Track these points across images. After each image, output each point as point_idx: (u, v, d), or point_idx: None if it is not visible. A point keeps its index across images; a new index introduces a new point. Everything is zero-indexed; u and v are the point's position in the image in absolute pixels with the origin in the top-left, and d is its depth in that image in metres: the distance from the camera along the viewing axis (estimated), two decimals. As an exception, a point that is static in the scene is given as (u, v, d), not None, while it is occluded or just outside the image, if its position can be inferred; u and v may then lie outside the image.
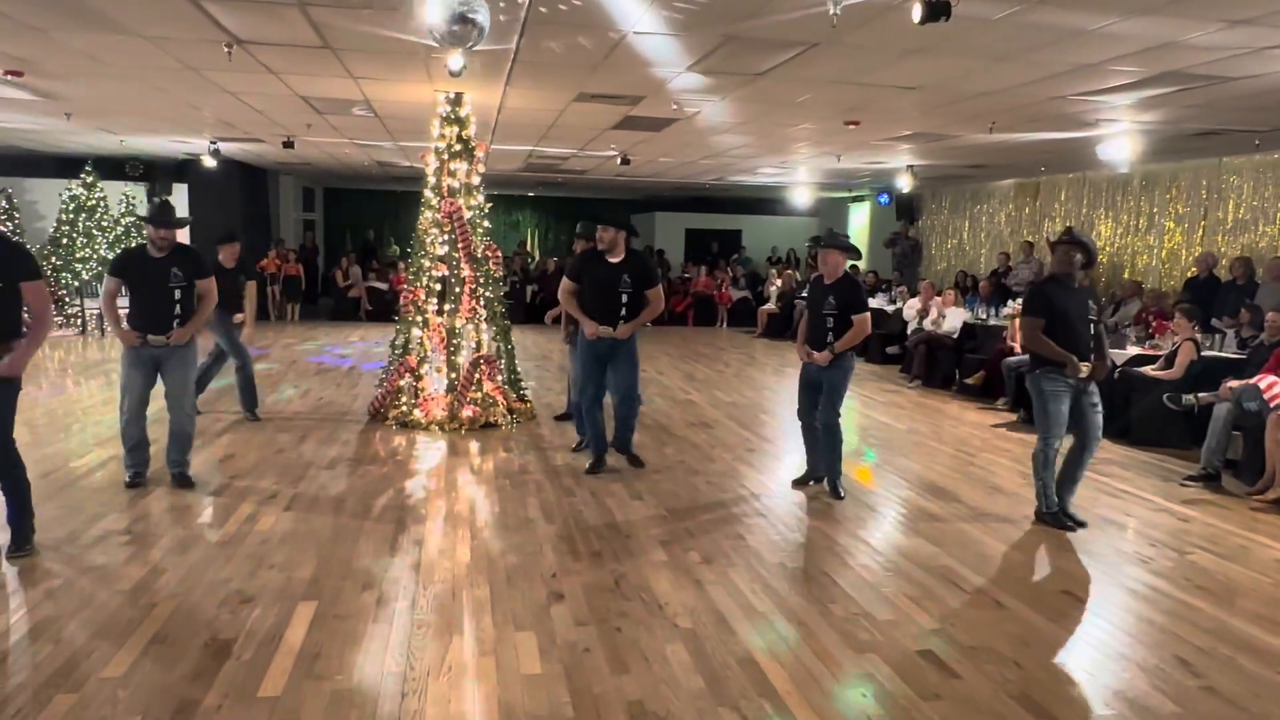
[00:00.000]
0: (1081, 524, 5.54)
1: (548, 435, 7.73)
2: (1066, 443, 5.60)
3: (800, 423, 6.28)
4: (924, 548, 5.09)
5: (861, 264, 15.54)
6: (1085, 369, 5.37)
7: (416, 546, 4.86)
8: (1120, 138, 9.72)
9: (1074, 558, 5.04)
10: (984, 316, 11.87)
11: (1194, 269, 11.36)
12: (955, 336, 11.31)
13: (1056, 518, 5.56)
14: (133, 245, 6.21)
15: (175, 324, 5.56)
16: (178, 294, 5.57)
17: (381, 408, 8.02)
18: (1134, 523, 5.72)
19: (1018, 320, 5.77)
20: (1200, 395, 7.14)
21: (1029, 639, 3.93)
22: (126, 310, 5.64)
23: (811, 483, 6.29)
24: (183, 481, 5.80)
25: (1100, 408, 5.53)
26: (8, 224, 14.01)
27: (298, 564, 4.52)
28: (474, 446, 7.21)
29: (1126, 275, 12.77)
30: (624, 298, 6.19)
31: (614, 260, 6.25)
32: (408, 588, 4.27)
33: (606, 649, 3.68)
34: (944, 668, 3.63)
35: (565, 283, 6.46)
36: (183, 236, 5.99)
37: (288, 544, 4.82)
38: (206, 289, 5.73)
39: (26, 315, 4.43)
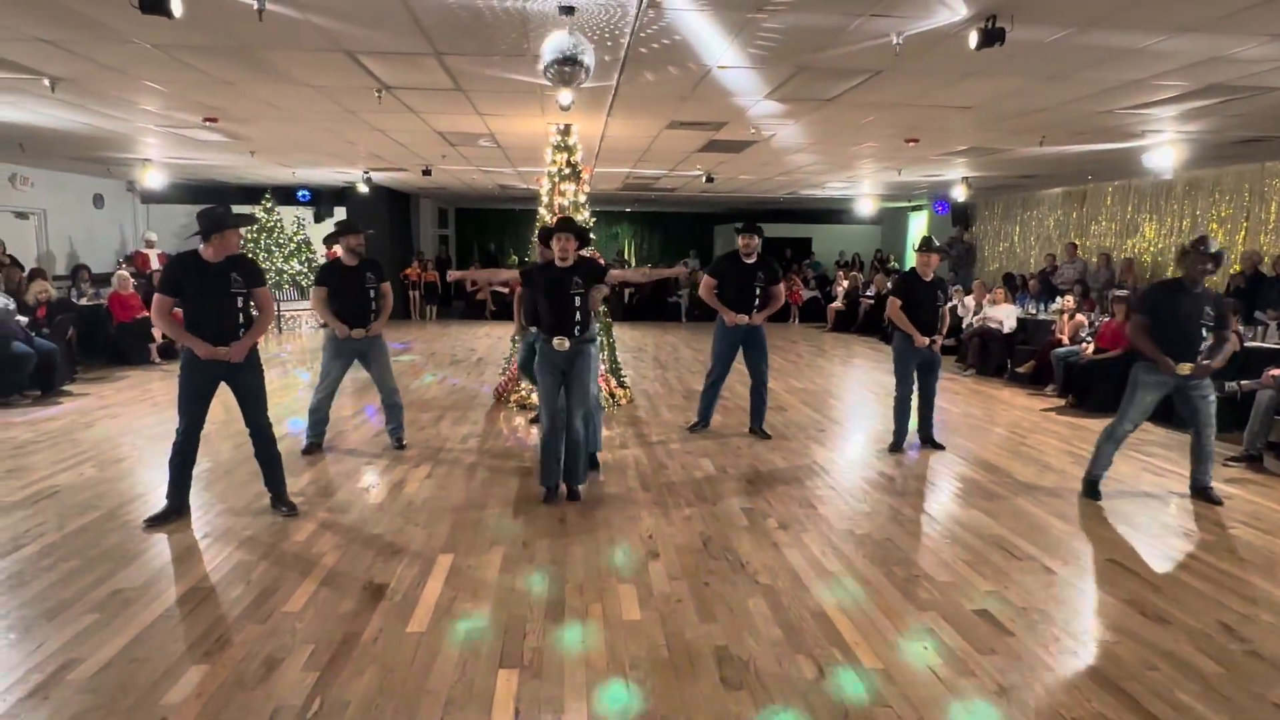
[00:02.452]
0: (1218, 501, 5.24)
1: (644, 416, 7.76)
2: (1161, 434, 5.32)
3: (903, 396, 6.48)
4: (979, 518, 4.91)
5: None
6: (1186, 369, 5.07)
7: (533, 510, 4.94)
8: (1165, 147, 9.12)
9: (1120, 530, 4.78)
10: (1034, 311, 11.36)
11: (1237, 265, 10.61)
12: (1009, 332, 10.87)
13: (1091, 486, 5.35)
14: (327, 261, 6.43)
15: (372, 319, 6.01)
16: (371, 294, 5.99)
17: (504, 392, 8.19)
18: (1177, 499, 5.39)
19: (1125, 318, 5.55)
20: (1243, 382, 6.67)
21: (1077, 603, 3.75)
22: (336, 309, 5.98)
23: (918, 445, 6.56)
24: (399, 445, 6.25)
25: (1212, 399, 5.21)
26: (253, 245, 14.80)
27: (437, 522, 4.67)
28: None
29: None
30: (757, 291, 6.56)
31: (749, 262, 6.60)
32: (528, 544, 4.35)
33: (696, 601, 3.68)
34: (998, 625, 3.50)
35: (707, 279, 6.78)
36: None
37: (429, 506, 4.97)
38: (385, 291, 6.11)
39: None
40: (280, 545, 4.29)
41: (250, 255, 15.05)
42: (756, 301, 6.63)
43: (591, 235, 6.09)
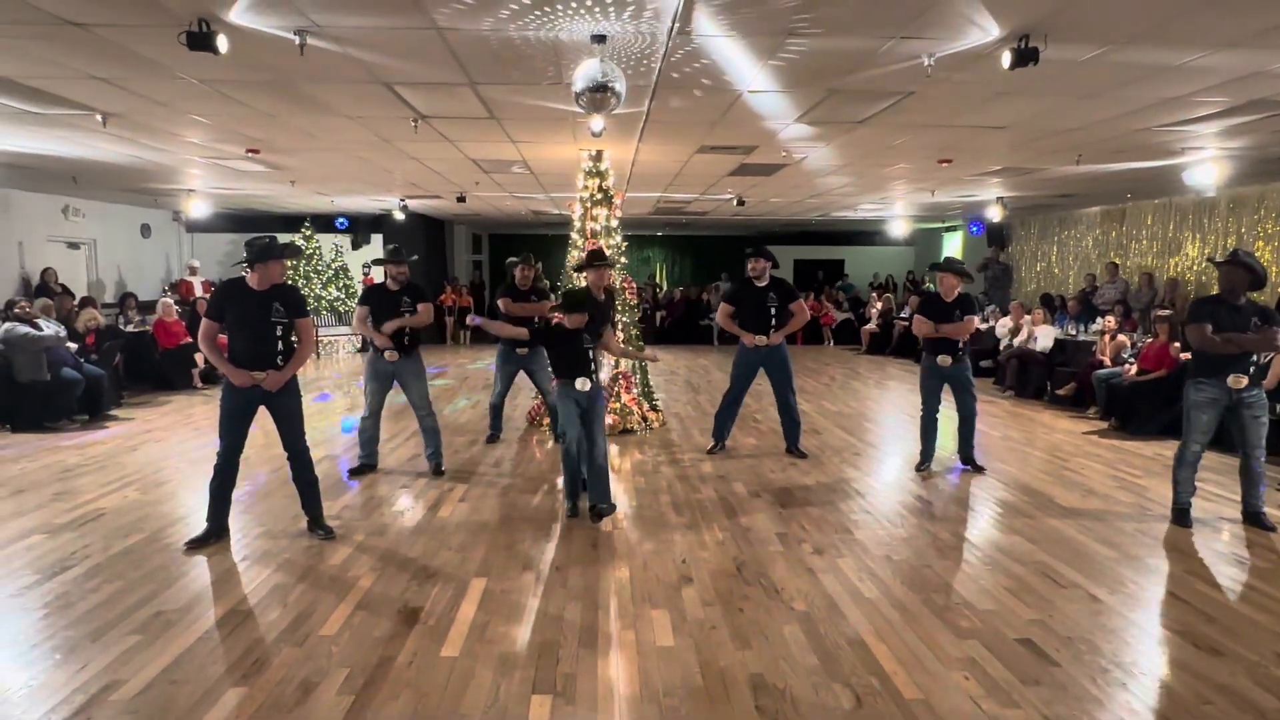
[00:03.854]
0: (1270, 528, 5.08)
1: (676, 439, 7.74)
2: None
3: (927, 416, 6.50)
4: (1020, 544, 4.80)
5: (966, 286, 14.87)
6: (1242, 381, 4.98)
7: (567, 534, 4.94)
8: (1206, 164, 8.95)
9: (1170, 557, 4.64)
10: (1073, 333, 11.15)
11: (1286, 284, 10.33)
12: (1047, 353, 10.68)
13: (1181, 515, 5.19)
14: (372, 283, 6.55)
15: (406, 341, 6.08)
16: (407, 316, 6.09)
17: (537, 416, 8.23)
18: (1229, 525, 5.22)
19: (1184, 327, 5.43)
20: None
21: (1125, 633, 3.64)
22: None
23: (928, 466, 6.54)
24: (438, 471, 6.26)
25: (1264, 420, 5.09)
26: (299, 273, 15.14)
27: (471, 546, 4.68)
28: (613, 449, 7.29)
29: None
30: (772, 311, 6.66)
31: (762, 284, 6.74)
32: (560, 568, 4.35)
33: (730, 627, 3.64)
34: (1042, 655, 3.40)
35: (724, 306, 6.98)
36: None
37: (463, 530, 4.99)
38: (425, 310, 6.17)
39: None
40: (317, 568, 4.33)
41: (293, 284, 15.44)
42: (773, 322, 6.71)
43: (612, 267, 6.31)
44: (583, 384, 5.26)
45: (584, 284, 6.12)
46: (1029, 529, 5.11)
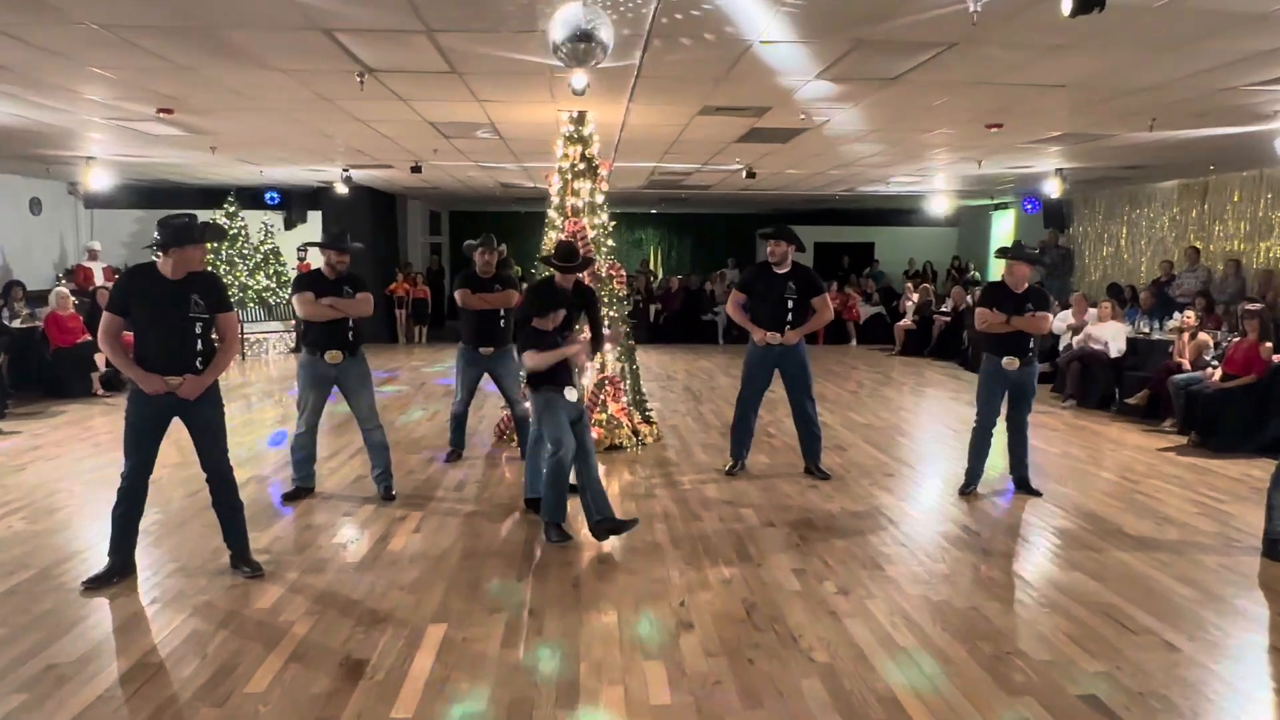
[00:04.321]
0: None
1: (674, 457, 7.75)
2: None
3: (983, 428, 6.49)
4: (1084, 583, 4.83)
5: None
6: None
7: (543, 570, 4.94)
8: (1303, 130, 9.02)
9: (1259, 597, 4.67)
10: (1146, 330, 11.21)
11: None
12: (1114, 353, 10.73)
13: (1275, 547, 5.22)
14: (308, 270, 6.54)
15: (350, 337, 6.09)
16: (351, 321, 6.09)
17: (507, 430, 8.22)
18: (1330, 559, 5.26)
19: (1260, 337, 5.45)
20: None
21: (1207, 688, 3.66)
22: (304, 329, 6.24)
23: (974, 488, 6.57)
24: (387, 496, 6.29)
25: None
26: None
27: (427, 586, 4.68)
28: (599, 469, 7.29)
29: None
30: (790, 304, 6.67)
31: (781, 271, 6.74)
32: (534, 611, 4.34)
33: (739, 682, 3.65)
34: (1109, 714, 3.42)
35: (734, 294, 7.07)
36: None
37: (417, 565, 4.99)
38: (365, 299, 6.16)
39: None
40: (242, 612, 4.32)
41: (214, 272, 15.40)
42: (790, 317, 6.72)
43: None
44: (571, 394, 5.32)
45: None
46: (1093, 564, 5.13)
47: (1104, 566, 5.09)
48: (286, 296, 15.59)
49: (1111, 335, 10.91)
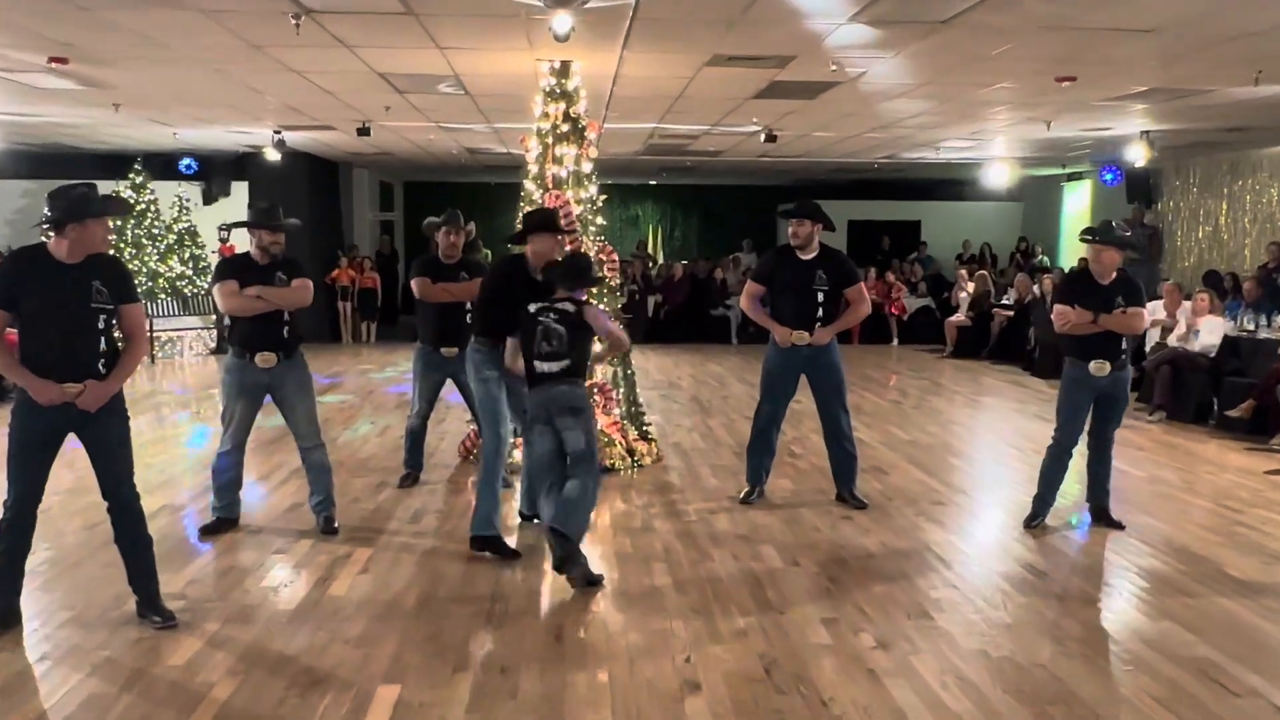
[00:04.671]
0: None
1: (677, 482, 7.75)
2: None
3: (1062, 447, 6.46)
4: (1175, 634, 4.83)
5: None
6: None
7: (518, 620, 4.93)
8: None
9: (1389, 652, 4.67)
10: (1251, 327, 11.22)
11: None
12: (1212, 355, 10.75)
13: None
14: (232, 253, 6.53)
15: (285, 335, 6.08)
16: (287, 315, 6.07)
17: (474, 449, 8.22)
18: None
19: None
20: None
21: (1327, 760, 3.66)
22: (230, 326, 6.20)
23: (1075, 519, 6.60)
24: (328, 528, 6.28)
25: None
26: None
27: (377, 638, 4.66)
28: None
29: None
30: (820, 297, 6.63)
31: (807, 257, 6.71)
32: (508, 670, 4.33)
33: (756, 755, 3.64)
34: (1208, 795, 3.42)
35: (750, 286, 7.05)
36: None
37: (365, 614, 4.96)
38: (302, 286, 6.15)
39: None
40: (150, 670, 4.30)
41: (116, 255, 15.40)
42: (820, 312, 6.71)
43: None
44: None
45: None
46: (1187, 612, 5.12)
47: (1200, 615, 5.08)
48: (206, 286, 15.59)
49: (1208, 333, 10.92)
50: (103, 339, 4.58)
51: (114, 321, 4.63)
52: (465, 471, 8.02)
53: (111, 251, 4.74)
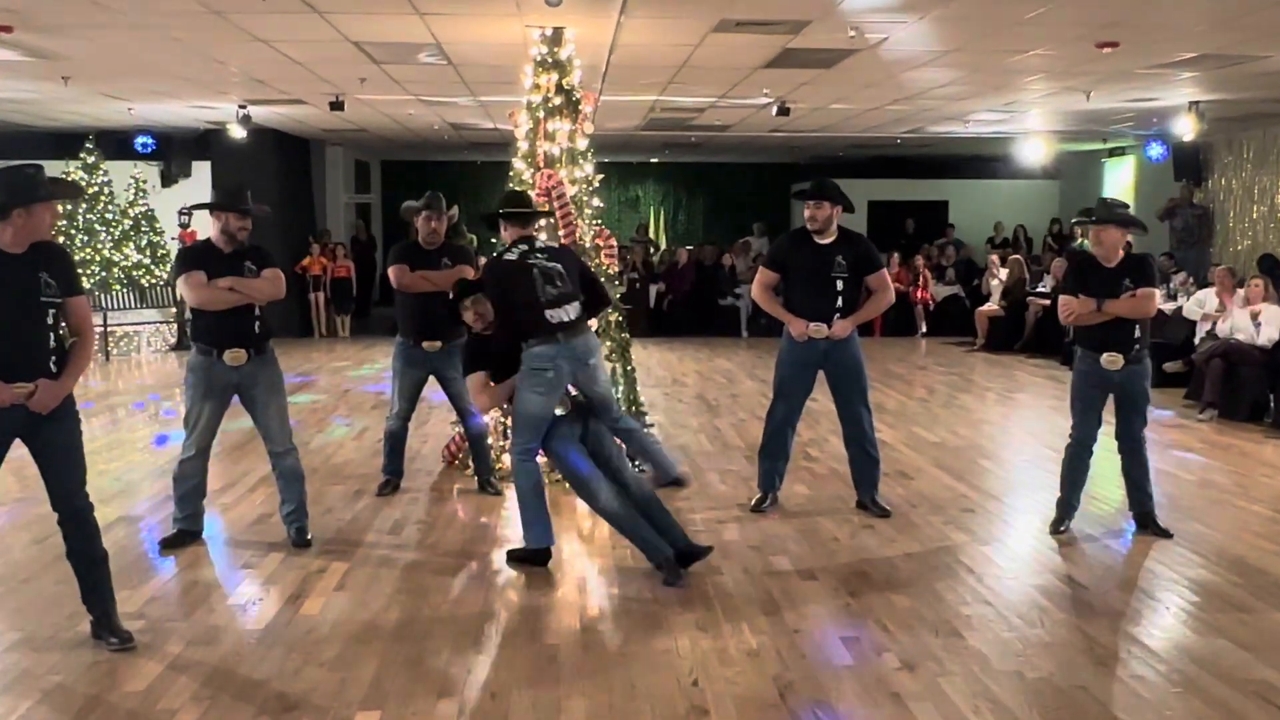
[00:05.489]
0: None
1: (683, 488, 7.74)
2: None
3: (1079, 444, 6.52)
4: (1230, 653, 4.83)
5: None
6: None
7: (509, 640, 4.93)
8: None
9: None
10: (1311, 316, 11.23)
11: None
12: (1270, 347, 10.74)
13: None
14: (194, 240, 6.51)
15: (256, 330, 6.07)
16: (257, 309, 6.07)
17: (459, 452, 8.22)
18: None
19: None
20: None
21: (1395, 790, 3.66)
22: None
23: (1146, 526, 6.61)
24: (300, 541, 6.27)
25: None
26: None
27: (354, 661, 4.66)
28: (580, 504, 7.27)
29: None
30: (839, 285, 6.64)
31: (825, 242, 6.73)
32: (498, 696, 4.33)
33: (770, 787, 3.64)
34: (1265, 829, 3.42)
35: (762, 274, 7.07)
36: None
37: (341, 634, 4.97)
38: (273, 277, 6.16)
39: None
40: (106, 698, 4.30)
41: (57, 242, 15.37)
42: (840, 302, 6.72)
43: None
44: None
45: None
46: (1242, 629, 5.12)
47: (1257, 632, 5.08)
48: (165, 276, 15.58)
49: (1268, 323, 10.89)
50: (53, 335, 4.58)
51: (62, 315, 4.63)
52: (449, 478, 8.01)
53: (61, 239, 4.73)
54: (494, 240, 8.28)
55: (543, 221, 7.91)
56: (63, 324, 4.67)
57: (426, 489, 7.74)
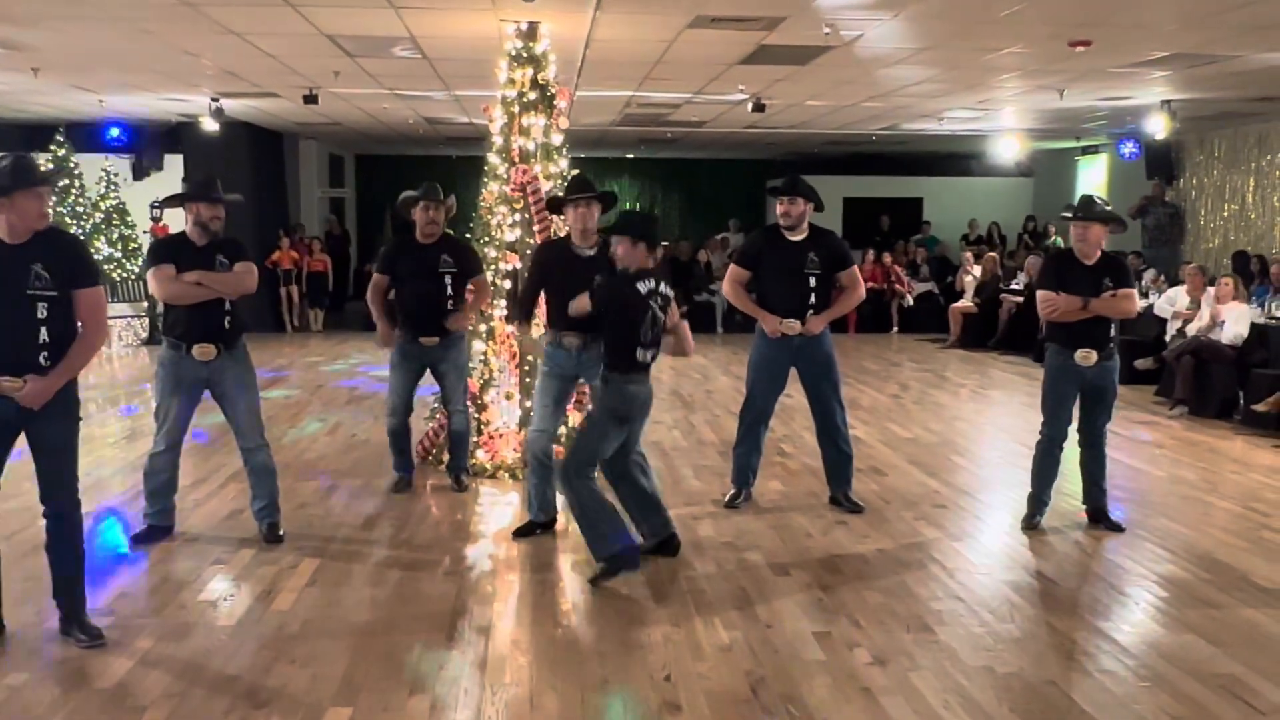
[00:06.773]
0: None
1: (658, 482, 7.73)
2: None
3: (1050, 440, 6.58)
4: (1197, 648, 4.87)
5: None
6: None
7: (481, 636, 4.93)
8: None
9: None
10: (1278, 315, 11.32)
11: None
12: (1238, 345, 10.82)
13: None
14: (166, 234, 6.43)
15: (227, 325, 6.06)
16: (228, 303, 6.05)
17: (434, 448, 8.20)
18: None
19: None
20: None
21: (1358, 783, 3.70)
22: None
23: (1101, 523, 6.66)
24: (272, 536, 6.25)
25: None
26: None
27: (326, 657, 4.65)
28: (558, 499, 7.28)
29: None
30: (812, 282, 6.69)
31: (796, 238, 6.78)
32: (470, 691, 4.33)
33: (742, 782, 3.65)
34: (1230, 821, 3.46)
35: (733, 270, 7.10)
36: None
37: (314, 631, 4.95)
38: (246, 270, 6.12)
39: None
40: (76, 694, 4.27)
41: (65, 230, 15.27)
42: (813, 298, 6.75)
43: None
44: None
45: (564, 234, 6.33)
46: (1210, 624, 5.16)
47: (1224, 627, 5.12)
48: (137, 270, 15.47)
49: (1234, 321, 10.98)
50: (43, 329, 4.53)
51: (61, 308, 4.56)
52: (422, 474, 7.97)
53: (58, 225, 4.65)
54: (469, 234, 8.28)
55: (518, 218, 7.95)
56: (65, 318, 4.60)
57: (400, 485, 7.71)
